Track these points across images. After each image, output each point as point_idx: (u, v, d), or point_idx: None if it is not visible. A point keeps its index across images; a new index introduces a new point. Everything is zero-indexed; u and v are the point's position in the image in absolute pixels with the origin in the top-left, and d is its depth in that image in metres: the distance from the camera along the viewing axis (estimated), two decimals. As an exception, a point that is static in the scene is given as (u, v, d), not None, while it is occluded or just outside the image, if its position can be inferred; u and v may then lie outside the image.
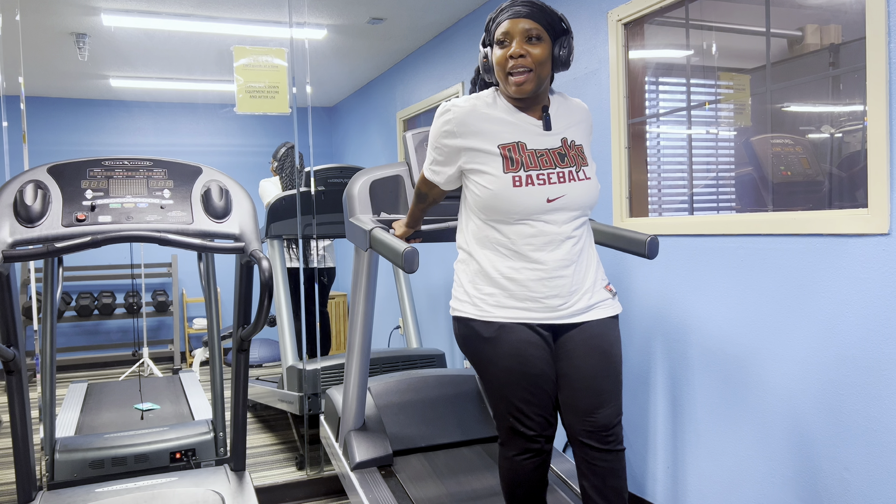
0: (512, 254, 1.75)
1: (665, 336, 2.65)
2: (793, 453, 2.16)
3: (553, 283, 1.75)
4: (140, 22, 3.86)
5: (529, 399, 1.76)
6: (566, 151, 1.78)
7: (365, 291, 2.51)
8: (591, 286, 1.82)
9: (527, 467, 1.81)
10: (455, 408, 2.93)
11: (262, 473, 3.26)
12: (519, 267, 1.74)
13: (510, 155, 1.72)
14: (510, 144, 1.73)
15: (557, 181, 1.73)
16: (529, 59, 1.70)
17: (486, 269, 1.77)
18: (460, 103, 1.76)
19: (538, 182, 1.71)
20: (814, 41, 2.17)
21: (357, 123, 6.06)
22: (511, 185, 1.70)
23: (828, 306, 2.03)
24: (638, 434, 2.82)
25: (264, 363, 5.54)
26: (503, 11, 1.74)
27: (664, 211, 2.80)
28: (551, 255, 1.74)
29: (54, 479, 2.65)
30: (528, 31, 1.70)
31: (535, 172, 1.72)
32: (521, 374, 1.74)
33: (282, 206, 3.74)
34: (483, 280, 1.78)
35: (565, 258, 1.75)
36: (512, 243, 1.74)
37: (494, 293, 1.76)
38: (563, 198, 1.73)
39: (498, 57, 1.73)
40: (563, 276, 1.75)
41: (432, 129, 1.80)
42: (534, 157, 1.74)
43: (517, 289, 1.75)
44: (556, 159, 1.76)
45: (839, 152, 2.10)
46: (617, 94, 2.82)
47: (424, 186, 1.93)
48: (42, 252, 2.01)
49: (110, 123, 6.01)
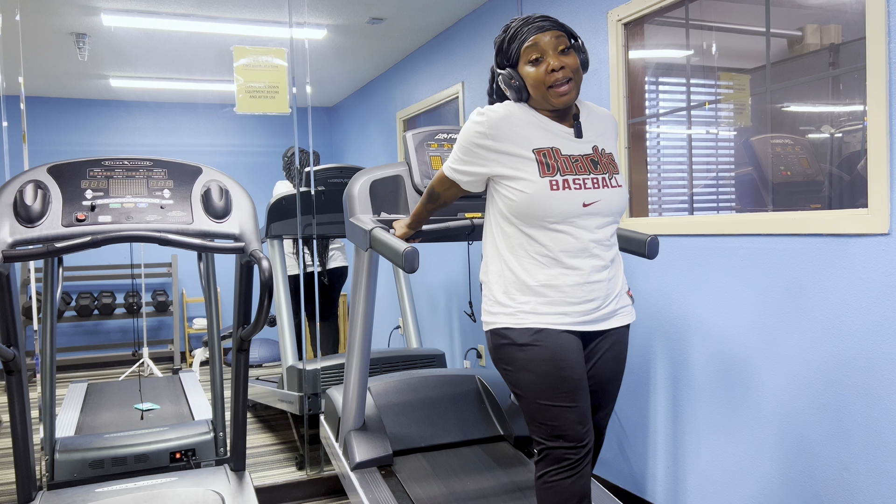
0: (549, 261, 1.74)
1: (665, 336, 2.65)
2: (793, 453, 2.16)
3: (590, 287, 1.76)
4: (140, 22, 3.86)
5: (569, 406, 1.74)
6: (598, 159, 1.80)
7: (365, 291, 2.51)
8: (620, 290, 1.85)
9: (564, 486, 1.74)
10: (455, 408, 2.93)
11: (262, 473, 3.26)
12: (556, 273, 1.74)
13: (545, 160, 1.73)
14: (545, 149, 1.74)
15: (592, 186, 1.75)
16: (568, 70, 1.71)
17: (523, 279, 1.76)
18: (496, 108, 1.77)
19: (574, 186, 1.72)
20: (814, 41, 2.17)
21: (357, 123, 6.06)
22: (548, 188, 1.70)
23: (828, 306, 2.03)
24: (638, 434, 2.82)
25: (264, 363, 5.54)
26: (522, 30, 1.74)
27: (664, 211, 2.80)
28: (587, 261, 1.75)
29: (54, 479, 2.65)
30: (558, 43, 1.72)
31: (571, 177, 1.73)
32: (559, 378, 1.72)
33: (282, 206, 3.74)
34: (518, 289, 1.77)
35: (601, 263, 1.77)
36: (548, 250, 1.74)
37: (530, 301, 1.75)
38: (598, 203, 1.75)
39: (535, 74, 1.72)
40: (600, 281, 1.77)
41: (464, 130, 1.79)
42: (569, 162, 1.75)
43: (556, 295, 1.74)
44: (590, 165, 1.77)
45: (839, 152, 2.10)
46: (617, 94, 2.82)
47: (440, 186, 1.92)
48: (42, 252, 2.01)
49: (110, 123, 6.01)
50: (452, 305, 4.40)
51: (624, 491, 2.88)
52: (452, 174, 1.85)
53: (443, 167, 1.90)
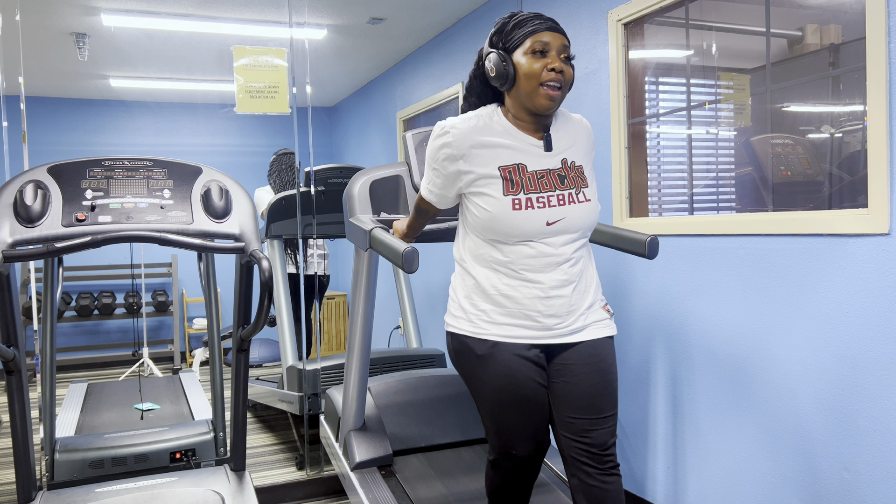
0: (509, 272, 1.71)
1: (665, 336, 2.65)
2: (793, 453, 2.16)
3: (550, 302, 1.72)
4: (140, 22, 3.86)
5: (521, 420, 1.74)
6: (566, 173, 1.74)
7: (365, 291, 2.51)
8: (588, 306, 1.79)
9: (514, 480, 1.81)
10: (455, 408, 2.93)
11: (262, 473, 3.26)
12: (516, 285, 1.71)
13: (510, 177, 1.69)
14: (511, 166, 1.70)
15: (557, 204, 1.70)
16: (564, 77, 1.67)
17: (483, 286, 1.74)
18: (458, 124, 1.71)
19: (538, 205, 1.68)
20: (814, 41, 2.17)
21: (357, 123, 6.06)
22: (511, 207, 1.67)
23: (828, 306, 2.03)
24: (638, 434, 2.82)
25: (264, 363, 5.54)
26: (532, 21, 1.67)
27: (664, 211, 2.80)
28: (549, 276, 1.71)
29: (54, 479, 2.65)
30: (565, 48, 1.67)
31: (535, 195, 1.68)
32: (511, 394, 1.72)
33: (282, 206, 3.74)
34: (479, 296, 1.75)
35: (564, 278, 1.72)
36: (511, 262, 1.71)
37: (489, 310, 1.74)
38: (563, 221, 1.70)
39: (534, 66, 1.64)
40: (561, 296, 1.72)
41: (429, 149, 1.75)
42: (534, 179, 1.70)
43: (513, 306, 1.72)
44: (556, 181, 1.72)
45: (839, 152, 2.10)
46: (617, 94, 2.82)
47: (424, 204, 1.89)
48: (42, 252, 2.01)
49: (110, 123, 6.01)
50: (452, 305, 4.40)
51: (624, 491, 2.88)
52: (429, 196, 1.83)
53: (420, 187, 1.87)
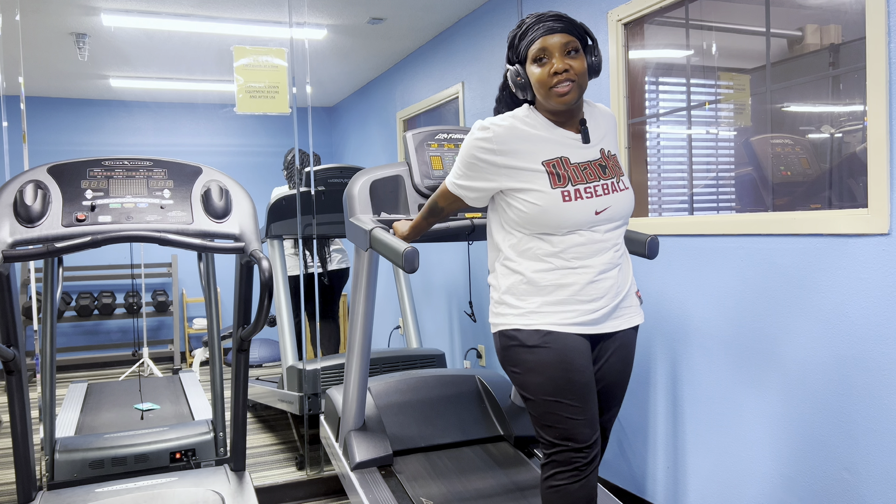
0: (560, 261, 1.74)
1: (665, 336, 2.65)
2: (793, 453, 2.16)
3: (600, 284, 1.75)
4: (140, 22, 3.86)
5: (577, 408, 1.73)
6: (606, 162, 1.79)
7: (365, 291, 2.51)
8: (629, 290, 1.85)
9: (571, 490, 1.73)
10: (455, 408, 2.93)
11: (262, 473, 3.26)
12: (567, 272, 1.74)
13: (555, 171, 1.72)
14: (554, 160, 1.73)
15: (603, 193, 1.75)
16: (572, 73, 1.69)
17: (533, 278, 1.75)
18: (499, 122, 1.75)
19: (586, 195, 1.72)
20: (814, 41, 2.17)
21: (357, 123, 6.06)
22: (561, 200, 1.70)
23: (828, 306, 2.03)
24: (638, 434, 2.82)
25: (264, 363, 5.54)
26: (533, 28, 1.72)
27: (664, 211, 2.80)
28: (596, 259, 1.75)
29: (54, 479, 2.65)
30: (566, 45, 1.70)
31: (583, 186, 1.73)
32: (568, 381, 1.72)
33: (282, 206, 3.74)
34: (528, 291, 1.76)
35: (611, 262, 1.77)
36: (561, 252, 1.74)
37: (538, 301, 1.75)
38: (610, 209, 1.75)
39: (539, 75, 1.71)
40: (609, 278, 1.77)
41: (466, 145, 1.77)
42: (578, 171, 1.74)
43: (566, 294, 1.74)
44: (599, 171, 1.77)
45: (839, 152, 2.10)
46: (617, 94, 2.82)
47: (444, 200, 1.90)
48: (42, 252, 2.01)
49: (110, 123, 6.01)
50: (452, 305, 4.40)
51: (624, 491, 2.88)
52: (457, 190, 1.84)
53: (445, 181, 1.88)
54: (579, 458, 1.73)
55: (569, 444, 1.73)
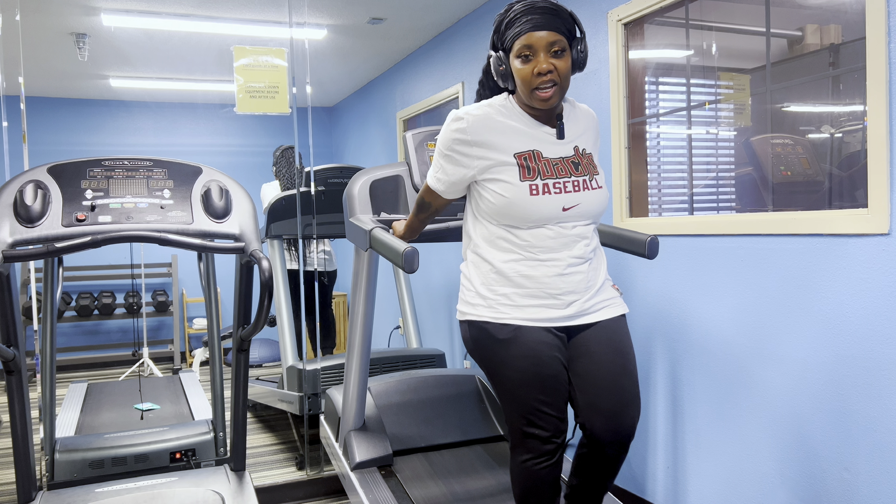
0: (528, 253, 1.74)
1: (665, 336, 2.65)
2: (793, 453, 2.16)
3: (569, 278, 1.75)
4: (140, 22, 3.86)
5: (544, 400, 1.74)
6: (579, 160, 1.78)
7: (365, 291, 2.51)
8: (601, 283, 1.84)
9: (540, 473, 1.79)
10: (455, 408, 2.93)
11: (262, 473, 3.26)
12: (535, 264, 1.74)
13: (526, 163, 1.72)
14: (526, 153, 1.73)
15: (573, 189, 1.74)
16: (556, 74, 1.67)
17: (501, 269, 1.76)
18: (473, 111, 1.74)
19: (554, 191, 1.72)
20: (814, 41, 2.17)
21: (357, 123, 6.06)
22: (528, 193, 1.70)
23: (828, 306, 2.03)
24: (638, 434, 2.82)
25: (264, 363, 5.54)
26: (520, 19, 1.68)
27: (664, 211, 2.80)
28: (567, 253, 1.75)
29: (54, 479, 2.65)
30: (552, 45, 1.67)
31: (552, 181, 1.72)
32: (535, 374, 1.73)
33: (282, 206, 3.74)
34: (498, 281, 1.77)
35: (580, 255, 1.76)
36: (528, 244, 1.74)
37: (509, 293, 1.76)
38: (578, 206, 1.74)
39: (523, 73, 1.68)
40: (579, 272, 1.76)
41: (442, 136, 1.77)
42: (549, 166, 1.74)
43: (534, 286, 1.74)
44: (571, 168, 1.76)
45: (839, 152, 2.10)
46: (617, 94, 2.82)
47: (428, 196, 1.91)
48: (42, 252, 2.01)
49: (110, 123, 6.01)
50: (452, 305, 4.40)
51: (624, 491, 2.88)
52: (435, 184, 1.84)
53: (426, 178, 1.89)
54: (546, 447, 1.77)
55: (536, 431, 1.76)
